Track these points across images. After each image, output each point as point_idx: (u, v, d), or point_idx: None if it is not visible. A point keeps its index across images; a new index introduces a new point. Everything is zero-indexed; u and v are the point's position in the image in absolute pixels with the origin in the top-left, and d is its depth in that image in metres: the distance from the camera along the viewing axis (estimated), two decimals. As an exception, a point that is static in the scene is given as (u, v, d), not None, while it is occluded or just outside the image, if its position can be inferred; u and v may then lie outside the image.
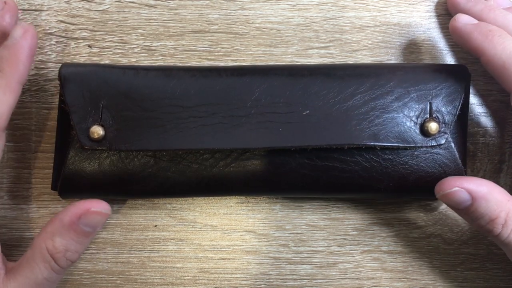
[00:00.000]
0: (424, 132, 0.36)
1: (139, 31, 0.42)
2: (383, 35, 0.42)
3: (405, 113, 0.37)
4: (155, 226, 0.42)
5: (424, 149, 0.37)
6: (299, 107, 0.36)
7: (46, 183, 0.41)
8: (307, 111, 0.36)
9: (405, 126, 0.37)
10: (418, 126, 0.37)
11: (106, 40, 0.42)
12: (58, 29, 0.42)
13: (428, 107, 0.37)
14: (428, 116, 0.37)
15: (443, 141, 0.37)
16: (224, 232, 0.42)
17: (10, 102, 0.35)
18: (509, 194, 0.35)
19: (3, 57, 0.35)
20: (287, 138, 0.36)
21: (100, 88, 0.37)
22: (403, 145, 0.36)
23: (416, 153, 0.37)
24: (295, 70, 0.38)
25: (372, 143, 0.36)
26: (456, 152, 0.37)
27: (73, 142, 0.37)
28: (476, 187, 0.34)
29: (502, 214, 0.34)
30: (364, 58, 0.42)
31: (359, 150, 0.37)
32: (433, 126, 0.36)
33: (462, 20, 0.38)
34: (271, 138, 0.36)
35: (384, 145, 0.36)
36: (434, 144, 0.37)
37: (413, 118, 0.37)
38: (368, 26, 0.42)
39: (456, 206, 0.35)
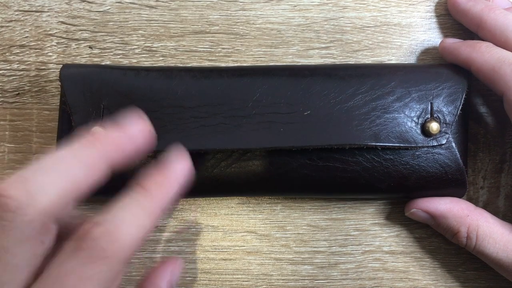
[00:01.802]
0: (425, 132, 0.36)
1: (140, 32, 0.42)
2: (384, 35, 0.42)
3: (406, 113, 0.37)
4: (156, 227, 0.42)
5: (425, 149, 0.37)
6: (300, 107, 0.36)
7: (47, 184, 0.41)
8: (308, 112, 0.36)
9: (406, 126, 0.37)
10: (419, 126, 0.37)
11: (107, 41, 0.42)
12: (59, 30, 0.42)
13: (429, 107, 0.37)
14: (429, 116, 0.37)
15: (444, 141, 0.37)
16: (225, 232, 0.42)
17: (147, 229, 0.27)
18: (473, 209, 0.38)
19: (155, 179, 0.28)
20: (288, 138, 0.36)
21: (101, 89, 0.37)
22: (404, 145, 0.36)
23: (417, 153, 0.37)
24: (296, 71, 0.38)
25: (373, 143, 0.36)
26: (457, 152, 0.37)
27: (74, 143, 0.37)
28: (433, 206, 0.38)
29: (462, 229, 0.38)
30: (365, 58, 0.42)
31: (360, 150, 0.37)
32: (434, 126, 0.36)
33: (450, 40, 0.40)
34: (272, 138, 0.36)
35: (385, 145, 0.36)
36: (435, 144, 0.37)
37: (414, 118, 0.37)
38: (368, 27, 0.42)
39: (424, 222, 0.40)
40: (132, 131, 0.29)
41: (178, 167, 0.29)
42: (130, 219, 0.26)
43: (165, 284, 0.33)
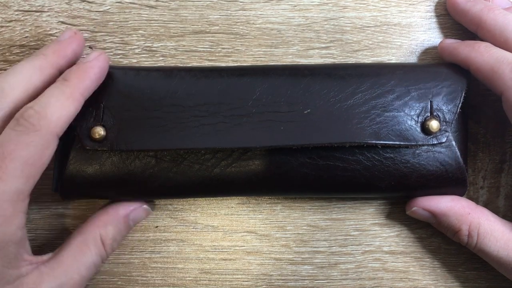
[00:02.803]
0: (425, 130, 0.36)
1: (140, 32, 0.42)
2: (384, 35, 0.42)
3: (406, 111, 0.37)
4: (156, 227, 0.42)
5: (425, 147, 0.37)
6: (300, 106, 0.36)
7: (47, 184, 0.41)
8: (308, 110, 0.36)
9: (406, 125, 0.37)
10: (419, 125, 0.37)
11: (107, 41, 0.42)
12: (59, 30, 0.42)
13: (429, 106, 0.37)
14: (429, 115, 0.37)
15: (444, 139, 0.37)
16: (225, 232, 0.42)
17: (71, 110, 0.35)
18: (474, 207, 0.38)
19: (72, 70, 0.36)
20: (288, 137, 0.36)
21: (101, 88, 0.37)
22: (404, 143, 0.36)
23: (417, 151, 0.37)
24: (295, 70, 0.38)
25: (374, 142, 0.36)
26: (457, 150, 0.37)
27: (75, 143, 0.37)
28: (434, 205, 0.38)
29: (463, 227, 0.38)
30: (365, 58, 0.42)
31: (361, 149, 0.37)
32: (434, 124, 0.36)
33: (449, 40, 0.40)
34: (272, 137, 0.36)
35: (385, 144, 0.36)
36: (435, 142, 0.37)
37: (414, 117, 0.37)
38: (368, 26, 0.42)
39: (425, 221, 0.40)
40: (66, 40, 0.38)
41: (94, 61, 0.36)
42: (54, 101, 0.34)
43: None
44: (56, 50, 0.37)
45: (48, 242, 0.41)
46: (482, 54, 0.37)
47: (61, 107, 0.34)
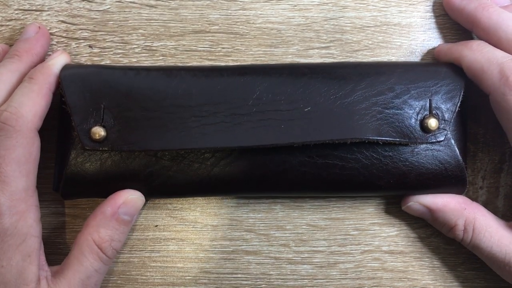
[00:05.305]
0: (424, 128, 0.37)
1: (140, 31, 0.42)
2: (384, 35, 0.42)
3: (405, 109, 0.37)
4: (156, 226, 0.42)
5: (424, 146, 0.37)
6: (300, 104, 0.36)
7: (47, 183, 0.41)
8: (309, 108, 0.36)
9: (406, 123, 0.37)
10: (418, 123, 0.37)
11: (107, 40, 0.42)
12: (59, 29, 0.42)
13: (428, 104, 0.37)
14: (428, 113, 0.37)
15: (442, 138, 0.37)
16: (224, 232, 0.42)
17: (43, 104, 0.37)
18: (470, 203, 0.39)
19: (37, 69, 0.38)
20: (289, 135, 0.36)
21: (101, 89, 0.37)
22: (404, 140, 0.36)
23: (416, 150, 0.37)
24: (295, 69, 0.38)
25: (375, 138, 0.36)
26: (456, 149, 0.37)
27: (75, 143, 0.37)
28: (430, 200, 0.39)
29: (459, 222, 0.38)
30: (365, 58, 0.42)
31: (359, 147, 0.37)
32: (432, 123, 0.36)
33: (444, 44, 0.41)
34: (273, 135, 0.36)
35: (386, 140, 0.36)
36: (433, 141, 0.37)
37: (413, 115, 0.37)
38: (368, 26, 0.42)
39: (421, 217, 0.40)
40: (34, 37, 0.40)
41: (55, 59, 0.39)
42: (26, 100, 0.36)
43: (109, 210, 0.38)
44: (28, 49, 0.39)
45: (48, 241, 0.41)
46: (473, 52, 0.37)
47: (33, 104, 0.36)
